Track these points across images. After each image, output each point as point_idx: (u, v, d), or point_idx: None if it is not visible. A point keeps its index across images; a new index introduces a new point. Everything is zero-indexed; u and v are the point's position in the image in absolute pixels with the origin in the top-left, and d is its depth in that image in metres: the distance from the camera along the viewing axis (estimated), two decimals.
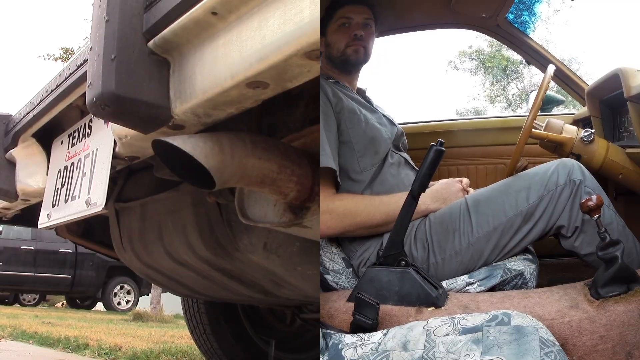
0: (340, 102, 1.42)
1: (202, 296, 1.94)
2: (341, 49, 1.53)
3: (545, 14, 15.66)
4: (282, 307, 2.14)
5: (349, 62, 1.55)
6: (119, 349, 3.07)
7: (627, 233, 1.31)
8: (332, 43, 1.55)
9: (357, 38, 1.53)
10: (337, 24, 1.55)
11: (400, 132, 1.60)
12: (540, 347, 0.87)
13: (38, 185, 1.44)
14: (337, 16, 1.55)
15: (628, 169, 1.68)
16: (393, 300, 1.17)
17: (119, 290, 9.15)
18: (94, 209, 1.09)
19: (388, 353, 0.96)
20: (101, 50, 0.75)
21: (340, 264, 1.43)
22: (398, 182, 1.46)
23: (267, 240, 1.14)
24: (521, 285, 1.30)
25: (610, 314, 1.03)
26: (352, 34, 1.53)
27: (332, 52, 1.55)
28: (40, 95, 1.31)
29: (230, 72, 0.69)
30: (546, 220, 1.29)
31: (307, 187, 0.85)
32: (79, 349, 3.21)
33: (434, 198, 1.44)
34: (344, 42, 1.53)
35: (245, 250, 1.19)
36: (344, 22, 1.54)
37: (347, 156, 1.43)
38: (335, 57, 1.55)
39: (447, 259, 1.33)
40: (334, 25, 1.55)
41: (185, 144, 0.73)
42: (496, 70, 17.30)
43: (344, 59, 1.54)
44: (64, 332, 3.88)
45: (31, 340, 3.65)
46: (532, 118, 1.61)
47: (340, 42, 1.53)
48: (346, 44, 1.53)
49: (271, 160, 0.80)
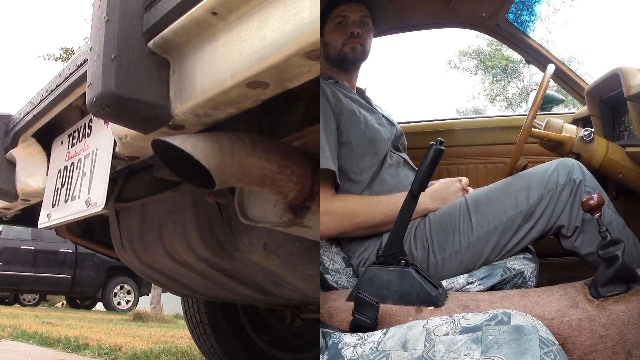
0: (339, 103, 1.42)
1: (202, 296, 1.94)
2: (338, 48, 1.53)
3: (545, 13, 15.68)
4: (282, 307, 2.14)
5: (347, 60, 1.55)
6: (119, 349, 3.07)
7: (627, 232, 1.31)
8: (329, 42, 1.55)
9: (353, 35, 1.52)
10: (333, 23, 1.55)
11: (399, 132, 1.60)
12: (540, 346, 0.87)
13: (38, 185, 1.44)
14: (334, 15, 1.55)
15: (628, 168, 1.68)
16: (393, 300, 1.17)
17: (119, 290, 9.15)
18: (94, 209, 1.09)
19: (388, 352, 0.96)
20: (101, 50, 0.75)
21: (340, 263, 1.44)
22: (397, 182, 1.46)
23: (267, 240, 1.14)
24: (521, 284, 1.30)
25: (610, 313, 1.03)
26: (348, 32, 1.53)
27: (330, 51, 1.55)
28: (40, 95, 1.31)
29: (230, 72, 0.70)
30: (546, 220, 1.29)
31: (307, 187, 0.85)
32: (79, 349, 3.21)
33: (433, 197, 1.44)
34: (340, 41, 1.53)
35: (245, 250, 1.19)
36: (340, 21, 1.54)
37: (347, 157, 1.43)
38: (333, 56, 1.55)
39: (447, 258, 1.33)
40: (331, 25, 1.55)
41: (185, 143, 0.73)
42: (496, 70, 17.31)
43: (342, 57, 1.54)
44: (64, 332, 3.88)
45: (31, 340, 3.65)
46: (531, 117, 1.61)
47: (337, 41, 1.53)
48: (343, 42, 1.53)
49: (271, 160, 0.80)
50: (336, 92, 1.44)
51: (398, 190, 1.43)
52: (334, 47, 1.54)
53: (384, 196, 1.41)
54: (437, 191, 1.45)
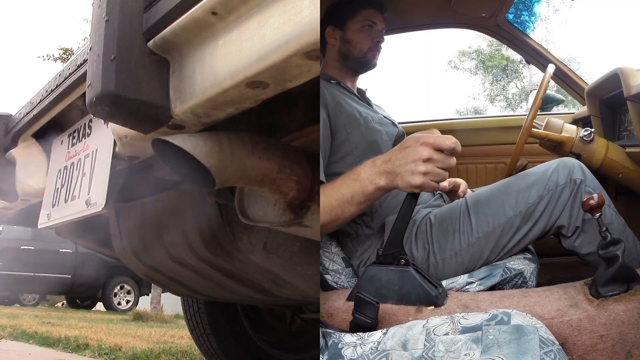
0: (338, 107, 1.41)
1: (202, 296, 1.94)
2: (364, 51, 1.55)
3: (544, 13, 15.68)
4: (282, 307, 2.14)
5: (366, 66, 1.58)
6: (119, 349, 3.06)
7: (627, 232, 1.31)
8: (354, 41, 1.55)
9: (379, 44, 1.56)
10: (361, 24, 1.55)
11: (401, 133, 1.59)
12: (540, 346, 0.87)
13: (38, 185, 1.44)
14: (362, 16, 1.56)
15: (628, 168, 1.69)
16: (393, 299, 1.17)
17: (119, 290, 9.14)
18: (94, 209, 1.09)
19: (388, 352, 0.96)
20: (101, 50, 0.75)
21: (339, 263, 1.43)
22: None
23: (267, 240, 1.14)
24: (521, 284, 1.30)
25: (610, 313, 1.03)
26: (375, 39, 1.55)
27: (353, 50, 1.55)
28: (40, 95, 1.31)
29: (230, 72, 0.70)
30: (546, 220, 1.29)
31: (307, 187, 0.85)
32: (79, 349, 3.21)
33: (383, 172, 1.11)
34: (367, 45, 1.55)
35: (245, 250, 1.19)
36: (369, 25, 1.56)
37: (347, 161, 1.42)
38: (354, 56, 1.56)
39: (447, 259, 1.33)
40: (358, 24, 1.56)
41: (185, 143, 0.73)
42: (496, 70, 17.32)
43: (364, 61, 1.56)
44: (64, 332, 3.87)
45: (31, 340, 3.65)
46: (532, 117, 1.61)
47: (363, 43, 1.55)
48: (369, 47, 1.55)
49: (271, 160, 0.80)
50: (336, 94, 1.43)
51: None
52: (359, 48, 1.55)
53: (328, 186, 1.19)
54: (391, 162, 1.11)
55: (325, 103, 1.39)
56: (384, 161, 1.11)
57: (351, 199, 1.14)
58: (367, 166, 1.14)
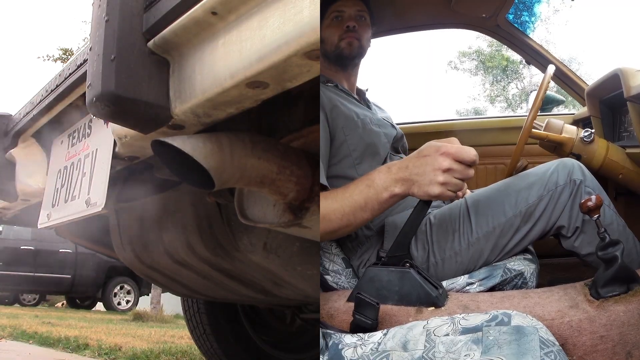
0: (336, 109, 1.40)
1: (202, 296, 1.94)
2: (335, 43, 1.51)
3: (544, 13, 15.69)
4: (282, 307, 2.14)
5: (343, 56, 1.52)
6: (119, 349, 3.06)
7: (627, 233, 1.31)
8: (326, 38, 1.52)
9: (349, 29, 1.49)
10: (330, 19, 1.52)
11: (400, 134, 1.58)
12: (540, 347, 0.87)
13: (38, 185, 1.44)
14: (330, 11, 1.53)
15: (628, 169, 1.69)
16: (393, 300, 1.17)
17: (119, 290, 9.14)
18: (94, 209, 1.09)
19: (388, 353, 0.96)
20: (101, 50, 0.75)
21: (340, 264, 1.43)
22: None
23: (267, 240, 1.14)
24: (521, 285, 1.29)
25: (610, 314, 1.03)
26: (344, 26, 1.50)
27: (327, 47, 1.52)
28: (40, 95, 1.31)
29: (230, 72, 0.70)
30: (546, 220, 1.29)
31: (307, 188, 0.85)
32: (79, 349, 3.21)
33: (399, 179, 1.11)
34: (337, 36, 1.50)
35: (245, 250, 1.19)
36: (336, 16, 1.52)
37: (345, 163, 1.41)
38: (330, 53, 1.53)
39: (447, 259, 1.33)
40: (327, 21, 1.53)
41: (185, 144, 0.73)
42: (496, 71, 17.33)
43: (338, 53, 1.52)
44: (64, 332, 3.88)
45: (31, 340, 3.65)
46: (532, 118, 1.61)
47: (333, 36, 1.51)
48: (339, 37, 1.50)
49: (270, 161, 0.80)
50: (333, 97, 1.42)
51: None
52: (330, 42, 1.51)
53: (339, 191, 1.18)
54: (408, 169, 1.10)
55: (323, 106, 1.38)
56: (400, 168, 1.10)
57: (364, 205, 1.14)
58: (382, 172, 1.13)
